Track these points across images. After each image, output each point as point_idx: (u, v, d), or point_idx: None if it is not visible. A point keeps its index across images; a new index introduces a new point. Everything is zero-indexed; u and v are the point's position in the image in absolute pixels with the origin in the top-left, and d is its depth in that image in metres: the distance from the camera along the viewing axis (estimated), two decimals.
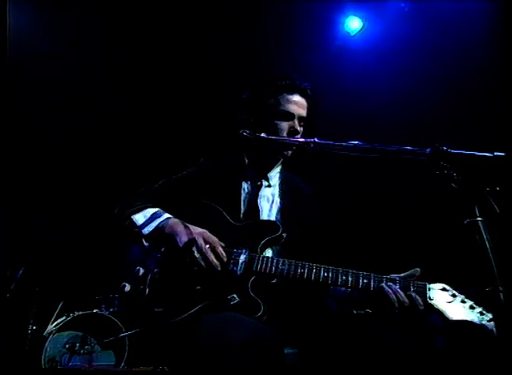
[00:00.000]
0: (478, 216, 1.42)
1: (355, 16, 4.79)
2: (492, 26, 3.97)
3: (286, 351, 1.86)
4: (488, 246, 1.40)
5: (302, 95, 2.32)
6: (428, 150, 1.61)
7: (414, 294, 1.91)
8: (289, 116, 2.29)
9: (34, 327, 4.64)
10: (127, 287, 2.00)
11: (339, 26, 4.82)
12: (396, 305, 1.89)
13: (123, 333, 4.33)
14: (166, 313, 1.92)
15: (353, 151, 1.79)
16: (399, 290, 1.92)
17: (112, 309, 4.61)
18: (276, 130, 2.25)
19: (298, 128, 2.28)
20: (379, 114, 4.52)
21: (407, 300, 1.90)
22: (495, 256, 1.39)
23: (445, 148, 1.58)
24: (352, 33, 4.81)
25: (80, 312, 4.61)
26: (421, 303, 1.90)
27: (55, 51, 4.23)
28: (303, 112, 2.32)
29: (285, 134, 2.25)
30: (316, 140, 1.90)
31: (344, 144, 1.80)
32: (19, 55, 3.93)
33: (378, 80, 4.55)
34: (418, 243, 4.11)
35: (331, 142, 1.85)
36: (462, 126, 4.06)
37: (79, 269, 5.20)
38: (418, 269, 2.01)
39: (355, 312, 2.08)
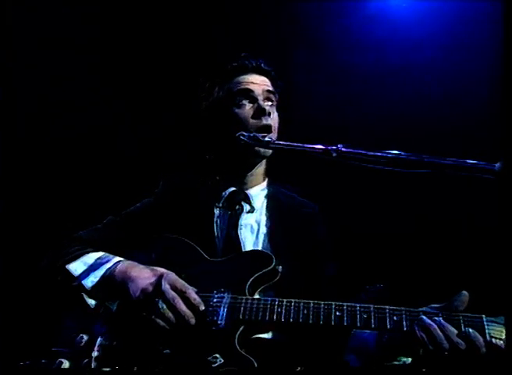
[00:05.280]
0: None
1: None
2: None
3: None
4: None
5: (257, 73, 1.86)
6: (498, 165, 1.21)
7: (471, 331, 1.37)
8: (248, 96, 1.81)
9: None
10: (65, 365, 1.53)
11: None
12: (446, 345, 1.36)
13: None
14: None
15: (392, 166, 1.38)
16: (447, 324, 1.39)
17: None
18: (239, 122, 1.76)
19: (266, 107, 1.78)
20: (426, 96, 3.75)
21: (461, 340, 1.37)
22: None
23: None
24: None
25: None
26: (483, 343, 1.37)
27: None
28: (265, 87, 1.84)
29: (250, 121, 1.76)
30: (340, 147, 1.44)
31: (379, 154, 1.39)
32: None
33: (424, 55, 3.77)
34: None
35: (362, 151, 1.43)
36: None
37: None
38: (465, 292, 1.45)
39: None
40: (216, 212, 1.82)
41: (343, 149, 1.44)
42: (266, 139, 1.65)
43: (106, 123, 3.50)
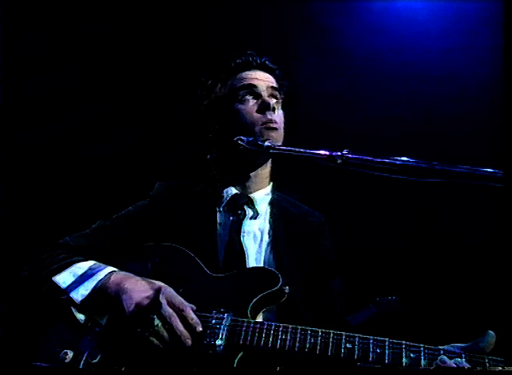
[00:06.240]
0: None
1: None
2: None
3: None
4: None
5: (262, 70, 1.80)
6: None
7: None
8: (252, 92, 1.75)
9: None
10: (69, 355, 1.42)
11: None
12: None
13: None
14: None
15: (401, 174, 1.32)
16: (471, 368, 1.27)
17: None
18: (242, 117, 1.70)
19: (271, 102, 1.71)
20: (434, 98, 3.60)
21: None
22: None
23: None
24: None
25: None
26: None
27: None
28: (269, 83, 1.77)
29: (255, 117, 1.69)
30: (346, 153, 1.37)
31: (387, 160, 1.33)
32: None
33: (431, 55, 3.59)
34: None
35: (368, 158, 1.36)
36: None
37: None
38: (492, 333, 1.31)
39: None
40: (217, 217, 1.72)
41: (348, 155, 1.36)
42: (266, 144, 1.56)
43: (103, 125, 3.43)
